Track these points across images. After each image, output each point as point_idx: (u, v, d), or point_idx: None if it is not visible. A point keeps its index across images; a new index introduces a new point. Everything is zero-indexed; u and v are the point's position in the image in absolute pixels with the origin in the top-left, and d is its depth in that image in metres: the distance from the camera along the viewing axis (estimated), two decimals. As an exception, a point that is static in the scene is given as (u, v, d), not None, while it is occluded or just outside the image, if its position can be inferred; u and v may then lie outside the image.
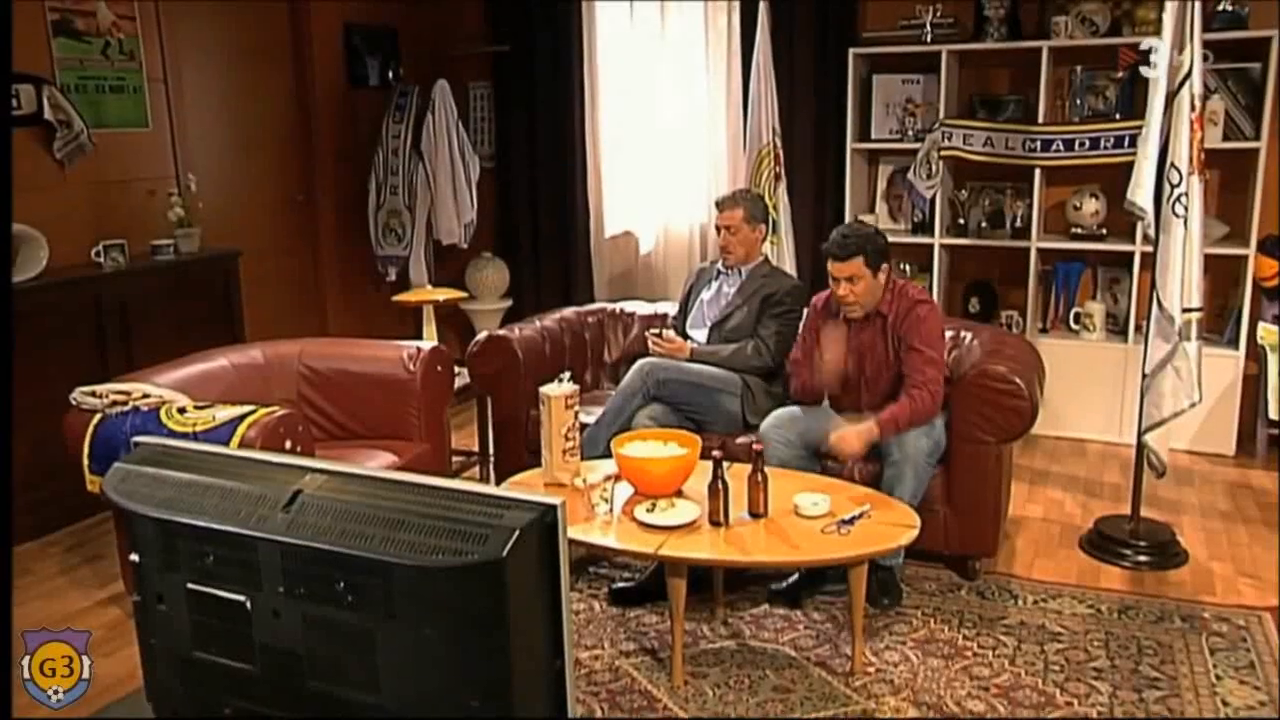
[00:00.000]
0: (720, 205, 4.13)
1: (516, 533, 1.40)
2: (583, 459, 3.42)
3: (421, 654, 1.43)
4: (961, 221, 5.33)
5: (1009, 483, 3.85)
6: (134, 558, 1.64)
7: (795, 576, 3.49)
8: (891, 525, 3.01)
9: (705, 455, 3.19)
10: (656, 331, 4.10)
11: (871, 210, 5.62)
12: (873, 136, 5.46)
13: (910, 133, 5.33)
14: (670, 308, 4.55)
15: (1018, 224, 5.21)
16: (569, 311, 4.72)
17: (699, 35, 5.82)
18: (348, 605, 1.47)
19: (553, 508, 1.44)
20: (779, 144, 5.04)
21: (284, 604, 1.53)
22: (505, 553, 1.39)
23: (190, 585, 1.59)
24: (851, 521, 2.99)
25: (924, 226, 5.38)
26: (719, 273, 4.24)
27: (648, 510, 3.07)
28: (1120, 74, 4.85)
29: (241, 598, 1.56)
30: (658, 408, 3.84)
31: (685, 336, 4.15)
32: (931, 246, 5.28)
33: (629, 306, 4.76)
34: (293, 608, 1.52)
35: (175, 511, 1.59)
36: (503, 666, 1.41)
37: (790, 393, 3.79)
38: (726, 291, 4.17)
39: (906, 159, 5.28)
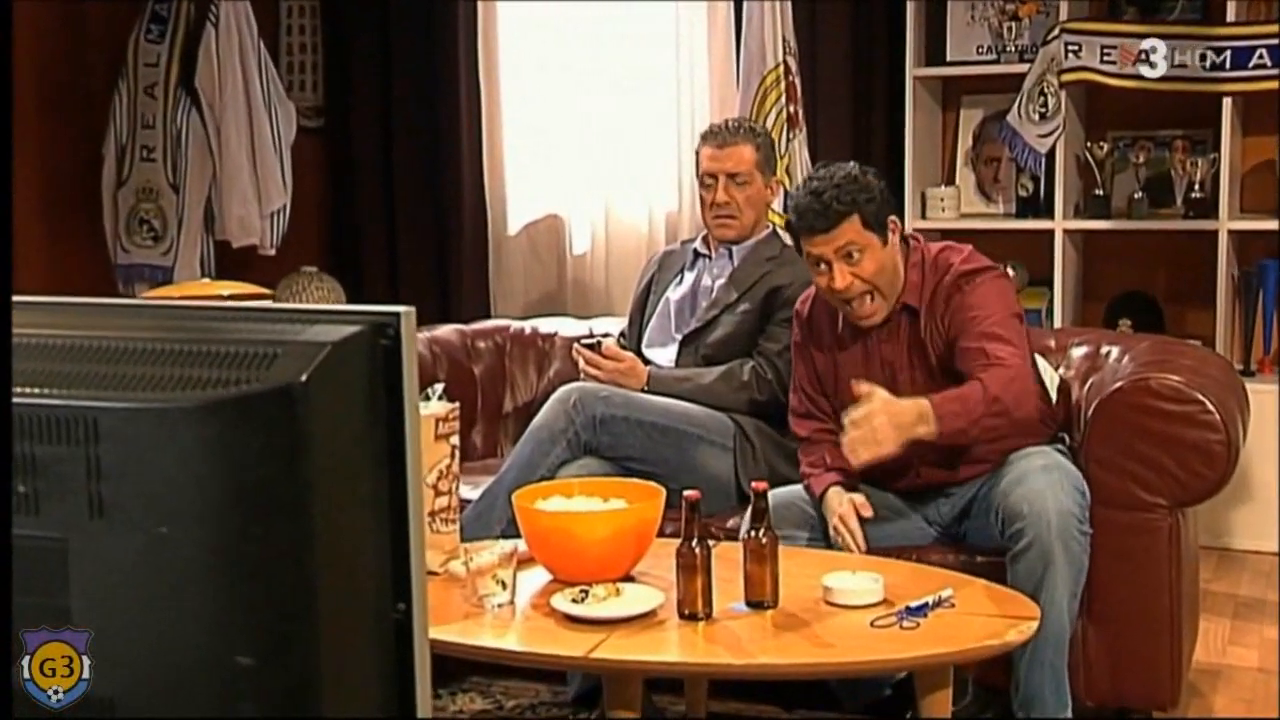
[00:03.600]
0: (717, 137, 4.20)
1: (326, 349, 1.33)
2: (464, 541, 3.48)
3: (150, 578, 1.33)
4: (1100, 193, 5.43)
5: (1195, 593, 3.83)
6: None
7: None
8: (989, 616, 3.01)
9: (668, 533, 3.27)
10: (592, 342, 4.12)
11: (950, 181, 5.76)
12: (948, 58, 5.61)
13: (1011, 49, 5.47)
14: (615, 325, 4.62)
15: (1195, 195, 5.30)
16: (447, 330, 4.82)
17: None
18: (19, 503, 1.38)
19: (393, 316, 1.38)
20: (794, 68, 5.13)
21: (-96, 518, 1.44)
22: (305, 377, 1.31)
23: None
24: (923, 611, 2.99)
25: (1036, 204, 5.51)
26: (696, 256, 4.30)
27: (574, 601, 3.08)
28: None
29: None
30: (594, 463, 3.87)
31: (642, 360, 4.17)
32: (1050, 235, 5.38)
33: (548, 325, 4.86)
34: (-81, 523, 1.44)
35: None
36: (299, 593, 1.32)
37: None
38: (709, 284, 4.23)
39: (1007, 94, 5.39)
